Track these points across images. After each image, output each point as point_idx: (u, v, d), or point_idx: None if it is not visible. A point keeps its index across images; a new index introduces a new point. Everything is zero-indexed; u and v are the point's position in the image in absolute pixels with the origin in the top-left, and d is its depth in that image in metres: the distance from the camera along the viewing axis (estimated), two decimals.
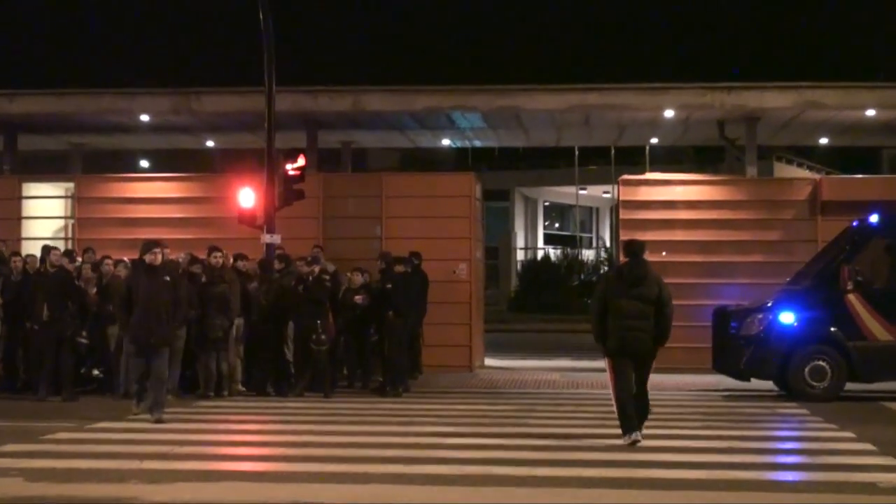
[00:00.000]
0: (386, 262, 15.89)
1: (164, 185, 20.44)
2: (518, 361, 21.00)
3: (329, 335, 15.46)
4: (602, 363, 11.33)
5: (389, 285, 15.45)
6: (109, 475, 9.15)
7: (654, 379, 17.13)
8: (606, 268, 40.64)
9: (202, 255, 16.90)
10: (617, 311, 10.70)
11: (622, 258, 11.61)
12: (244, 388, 15.52)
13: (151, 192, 20.21)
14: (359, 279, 16.32)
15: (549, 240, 52.56)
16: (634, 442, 10.60)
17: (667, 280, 18.27)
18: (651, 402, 14.41)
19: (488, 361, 20.39)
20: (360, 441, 11.08)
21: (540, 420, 12.86)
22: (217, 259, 15.46)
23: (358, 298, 16.08)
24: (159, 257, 12.47)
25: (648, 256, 18.38)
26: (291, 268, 15.86)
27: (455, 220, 18.98)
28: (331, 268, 17.34)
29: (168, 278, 12.39)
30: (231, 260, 16.13)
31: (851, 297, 15.05)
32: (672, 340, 18.17)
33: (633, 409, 10.70)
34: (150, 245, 12.51)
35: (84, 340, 14.55)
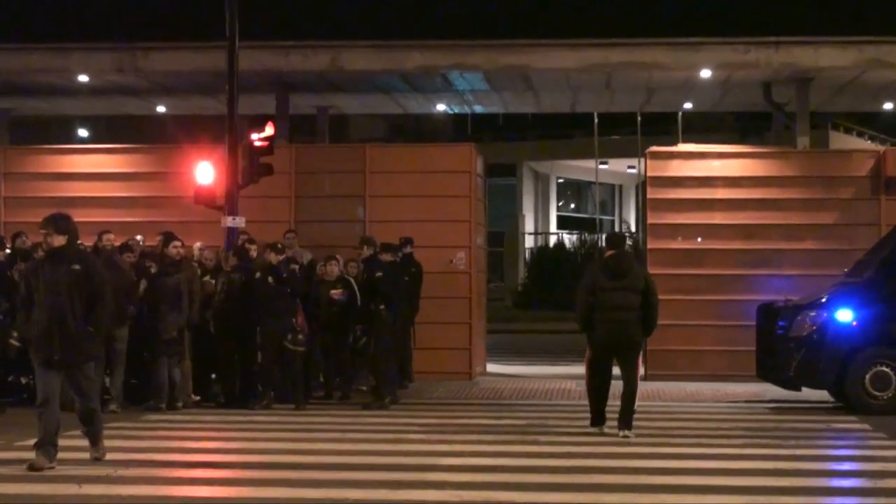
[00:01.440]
0: (372, 248, 15.92)
1: (106, 158, 20.42)
2: (526, 367, 21.03)
3: (305, 335, 15.51)
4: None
5: (380, 274, 15.48)
6: (42, 502, 9.12)
7: (689, 388, 17.49)
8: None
9: (152, 242, 16.97)
10: (604, 304, 12.56)
11: (608, 251, 13.07)
12: (199, 398, 15.59)
13: (92, 166, 20.20)
14: (335, 270, 16.33)
15: (563, 223, 52.59)
16: (626, 438, 12.44)
17: (702, 271, 18.89)
18: (685, 415, 14.59)
19: (491, 367, 20.41)
20: (339, 462, 11.08)
21: (552, 437, 12.87)
22: (177, 249, 15.52)
23: (336, 293, 16.10)
24: (58, 239, 10.47)
25: (682, 243, 18.66)
26: (249, 261, 15.85)
27: (452, 200, 18.99)
28: (306, 256, 17.40)
29: (78, 267, 10.46)
30: (196, 251, 16.25)
31: None
32: (708, 343, 18.70)
33: (604, 407, 12.87)
34: (50, 221, 10.55)
35: (15, 343, 14.55)
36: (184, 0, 25.72)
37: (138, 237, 16.70)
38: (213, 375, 16.17)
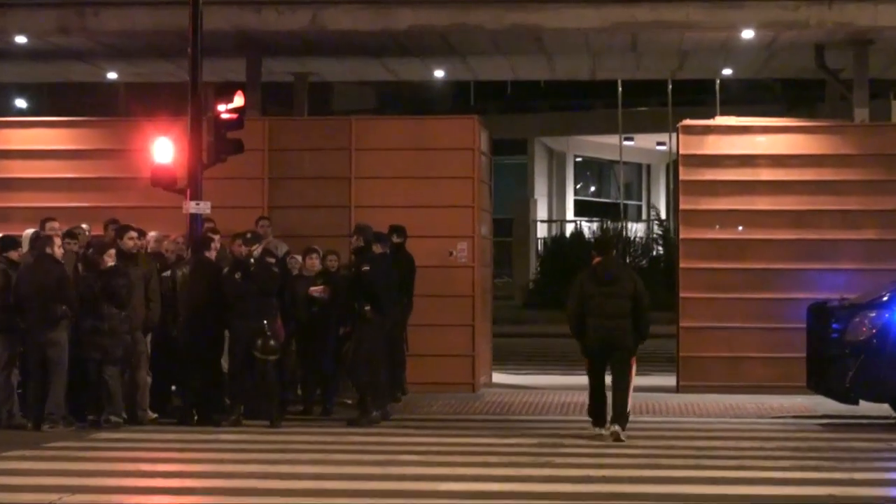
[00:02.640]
0: (365, 238, 15.90)
1: (48, 133, 20.33)
2: (539, 377, 21.02)
3: (279, 340, 15.49)
4: (649, 380, 12.08)
5: (366, 267, 15.48)
6: None
7: (729, 402, 17.47)
8: (661, 248, 40.63)
9: (98, 231, 16.94)
10: (594, 310, 14.19)
11: (595, 257, 14.69)
12: (157, 415, 15.57)
13: (31, 142, 20.11)
14: (316, 264, 16.29)
15: (581, 209, 52.51)
16: (616, 435, 13.93)
17: (744, 265, 18.88)
18: (724, 433, 14.58)
19: (497, 377, 20.41)
20: (320, 488, 11.05)
21: (568, 459, 12.86)
22: (133, 241, 15.47)
23: (316, 291, 16.06)
24: None
25: (720, 232, 18.67)
26: (202, 254, 15.81)
27: (452, 182, 18.95)
28: (281, 249, 17.32)
29: None
30: (150, 242, 16.22)
31: None
32: (750, 349, 18.68)
33: (604, 408, 14.29)
34: None
35: None
36: None
37: (84, 226, 16.67)
38: (173, 387, 16.14)
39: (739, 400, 17.57)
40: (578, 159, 53.85)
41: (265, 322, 15.25)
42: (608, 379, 14.40)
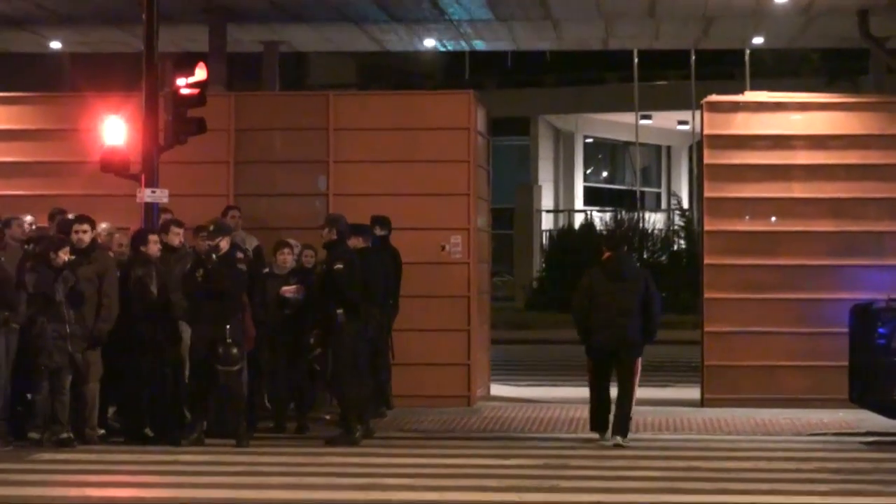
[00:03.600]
0: (338, 230, 15.82)
1: None
2: (542, 389, 21.05)
3: (244, 348, 15.49)
4: (670, 392, 12.17)
5: (339, 265, 15.46)
6: None
7: (760, 417, 17.45)
8: (682, 241, 40.64)
9: (44, 222, 16.92)
10: (603, 308, 15.39)
11: (606, 253, 15.84)
12: (104, 431, 15.55)
13: None
14: (289, 260, 16.27)
15: (592, 197, 52.53)
16: (615, 444, 15.05)
17: (777, 261, 18.89)
18: (755, 453, 14.60)
19: (496, 390, 20.42)
20: None
21: (576, 482, 12.86)
22: (87, 234, 15.45)
23: (288, 290, 16.07)
24: None
25: (750, 223, 18.65)
26: (137, 250, 15.77)
27: (444, 167, 18.95)
28: (250, 243, 17.32)
29: None
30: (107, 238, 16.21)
31: None
32: (784, 356, 18.67)
33: (607, 413, 15.49)
34: None
35: None
36: None
37: (28, 218, 16.61)
38: (112, 408, 16.07)
39: (772, 415, 17.57)
40: (589, 140, 53.83)
41: (228, 327, 15.23)
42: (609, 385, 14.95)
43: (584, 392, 20.11)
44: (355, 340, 15.52)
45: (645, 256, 39.40)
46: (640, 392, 18.25)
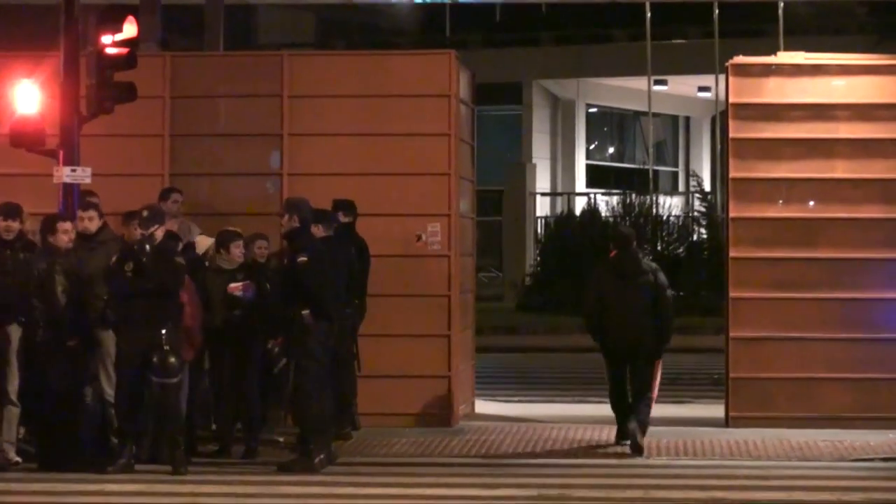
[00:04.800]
0: (301, 217, 15.86)
1: None
2: (536, 406, 21.09)
3: (182, 356, 15.50)
4: (689, 409, 12.50)
5: (303, 258, 15.49)
6: None
7: (796, 440, 17.40)
8: (703, 230, 40.68)
9: None
10: (614, 308, 16.79)
11: (612, 250, 17.25)
12: (21, 459, 15.49)
13: None
14: (237, 253, 16.25)
15: (595, 177, 52.61)
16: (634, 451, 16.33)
17: (816, 254, 18.85)
18: (789, 481, 14.63)
19: (482, 406, 20.46)
20: None
21: None
22: (6, 223, 15.50)
23: (237, 288, 16.07)
24: None
25: (783, 209, 18.66)
26: (45, 240, 15.71)
27: (421, 142, 18.96)
28: (193, 231, 17.37)
29: None
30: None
31: None
32: (824, 367, 18.63)
33: (626, 416, 16.75)
34: None
35: None
36: None
37: None
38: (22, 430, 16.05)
39: (810, 437, 17.61)
40: (592, 110, 53.93)
41: (163, 332, 15.23)
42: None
43: (585, 409, 20.38)
44: (324, 347, 15.60)
45: (659, 248, 39.46)
46: (655, 411, 18.36)
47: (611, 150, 55.88)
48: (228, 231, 16.54)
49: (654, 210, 41.23)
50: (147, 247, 15.45)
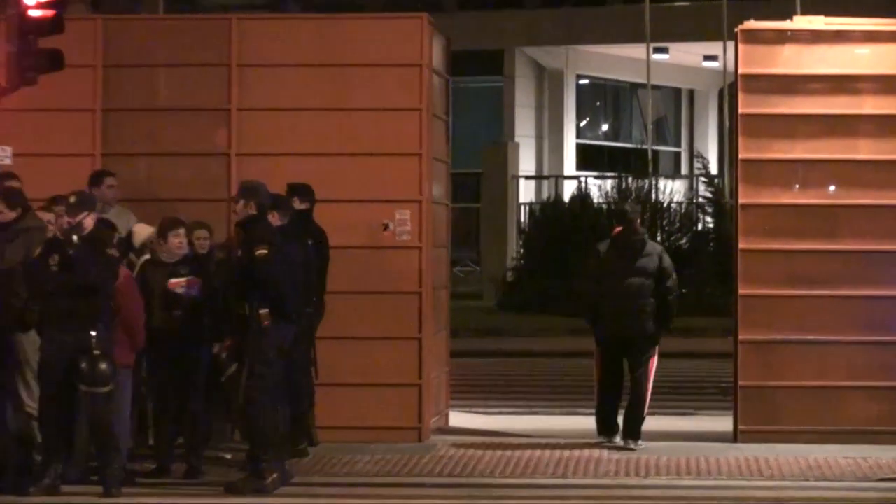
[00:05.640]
0: (258, 204, 15.95)
1: None
2: (518, 419, 21.17)
3: (122, 360, 15.54)
4: (693, 422, 12.74)
5: (262, 250, 15.54)
6: None
7: (814, 456, 17.41)
8: (710, 218, 40.82)
9: None
10: (614, 290, 17.44)
11: (616, 227, 17.96)
12: None
13: None
14: (176, 243, 16.24)
15: (588, 159, 52.83)
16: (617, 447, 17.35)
17: (836, 245, 18.84)
18: (823, 500, 15.02)
19: (457, 419, 20.53)
20: None
21: None
22: None
23: (178, 284, 16.08)
24: None
25: (799, 194, 18.69)
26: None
27: (388, 117, 19.02)
28: (130, 221, 17.43)
29: None
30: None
31: None
32: (845, 374, 18.66)
33: (615, 411, 17.71)
34: None
35: None
36: None
37: None
38: None
39: (830, 453, 17.66)
40: (583, 82, 54.19)
41: (93, 335, 15.20)
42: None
43: (573, 423, 20.48)
44: (281, 351, 15.68)
45: (659, 238, 39.57)
46: (654, 423, 18.49)
47: (604, 127, 56.13)
48: (168, 219, 16.55)
49: (654, 196, 41.47)
50: (75, 237, 15.40)
